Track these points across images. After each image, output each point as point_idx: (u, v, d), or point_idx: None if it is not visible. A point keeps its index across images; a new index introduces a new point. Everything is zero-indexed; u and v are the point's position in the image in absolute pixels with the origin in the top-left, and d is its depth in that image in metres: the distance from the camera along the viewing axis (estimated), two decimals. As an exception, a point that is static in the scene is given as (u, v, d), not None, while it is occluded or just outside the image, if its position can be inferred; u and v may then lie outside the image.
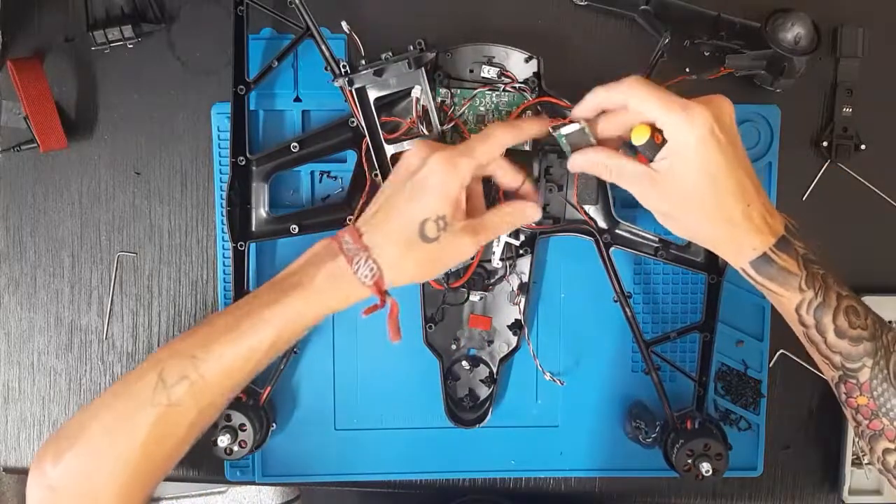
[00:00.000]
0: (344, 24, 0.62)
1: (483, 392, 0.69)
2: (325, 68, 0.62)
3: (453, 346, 0.68)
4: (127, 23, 0.64)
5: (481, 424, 0.68)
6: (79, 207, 0.69)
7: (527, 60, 0.64)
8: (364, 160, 0.64)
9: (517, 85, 0.64)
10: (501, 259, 0.65)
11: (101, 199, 0.69)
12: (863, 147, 0.69)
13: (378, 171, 0.63)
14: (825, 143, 0.69)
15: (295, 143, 0.64)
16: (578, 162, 0.58)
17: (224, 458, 0.65)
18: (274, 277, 0.56)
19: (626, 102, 0.54)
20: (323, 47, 0.62)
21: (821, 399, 0.72)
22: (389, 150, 0.63)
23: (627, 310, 0.66)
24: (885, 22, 0.70)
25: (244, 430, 0.64)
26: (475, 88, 0.65)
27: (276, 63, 0.64)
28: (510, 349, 0.68)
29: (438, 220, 0.53)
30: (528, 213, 0.58)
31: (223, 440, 0.63)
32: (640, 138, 0.53)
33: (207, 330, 0.54)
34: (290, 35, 0.64)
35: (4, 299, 0.69)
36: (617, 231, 0.66)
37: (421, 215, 0.54)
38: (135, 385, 0.53)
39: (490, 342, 0.68)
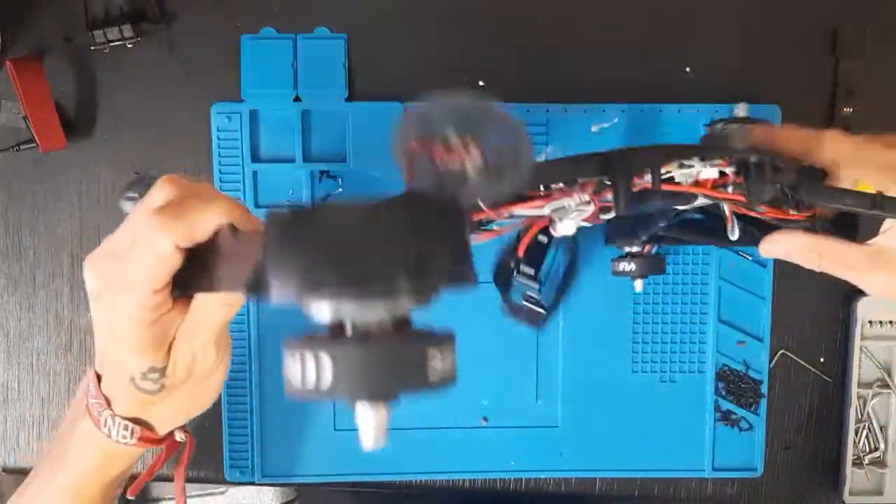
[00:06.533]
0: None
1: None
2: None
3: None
4: (127, 22, 0.64)
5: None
6: (78, 207, 0.68)
7: None
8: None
9: None
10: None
11: (100, 199, 0.68)
12: (863, 147, 0.69)
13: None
14: (825, 144, 0.69)
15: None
16: (774, 249, 0.49)
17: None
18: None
19: (830, 162, 0.46)
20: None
21: (821, 399, 0.71)
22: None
23: None
24: (885, 22, 0.70)
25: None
26: None
27: (276, 63, 0.64)
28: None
29: (151, 372, 0.43)
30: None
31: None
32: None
33: None
34: (291, 35, 0.64)
35: (3, 299, 0.69)
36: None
37: (133, 371, 0.44)
38: None
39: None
